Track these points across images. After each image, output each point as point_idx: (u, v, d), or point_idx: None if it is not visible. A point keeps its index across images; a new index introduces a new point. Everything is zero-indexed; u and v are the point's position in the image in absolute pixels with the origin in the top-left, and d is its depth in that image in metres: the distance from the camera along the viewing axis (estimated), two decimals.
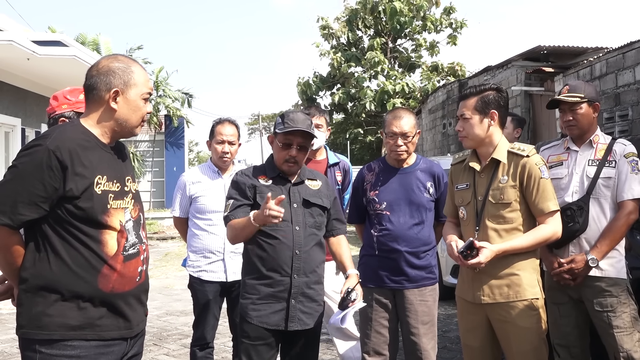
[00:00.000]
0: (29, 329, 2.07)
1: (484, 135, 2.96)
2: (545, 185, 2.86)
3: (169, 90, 24.46)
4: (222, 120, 4.01)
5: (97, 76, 2.19)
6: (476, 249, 2.76)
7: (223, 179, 3.97)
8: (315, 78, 23.39)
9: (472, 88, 3.03)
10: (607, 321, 3.04)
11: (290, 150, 2.93)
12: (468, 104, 2.97)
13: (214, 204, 3.88)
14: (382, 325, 3.36)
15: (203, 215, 3.92)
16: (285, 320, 2.87)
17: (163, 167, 24.82)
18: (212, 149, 3.98)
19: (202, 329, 3.87)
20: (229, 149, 3.93)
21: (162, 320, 6.60)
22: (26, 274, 2.09)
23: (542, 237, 2.86)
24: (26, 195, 2.01)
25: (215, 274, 3.86)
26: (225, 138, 3.91)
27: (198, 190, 3.95)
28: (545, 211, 2.85)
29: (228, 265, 3.85)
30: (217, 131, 3.93)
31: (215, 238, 3.87)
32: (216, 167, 4.00)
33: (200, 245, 3.91)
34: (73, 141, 2.09)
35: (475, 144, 3.00)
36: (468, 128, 2.97)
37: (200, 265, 3.89)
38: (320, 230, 3.03)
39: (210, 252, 3.88)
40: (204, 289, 3.86)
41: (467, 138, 3.00)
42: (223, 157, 3.93)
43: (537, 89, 10.44)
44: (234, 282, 3.82)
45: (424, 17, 22.58)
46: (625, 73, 7.63)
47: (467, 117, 2.96)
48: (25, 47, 8.50)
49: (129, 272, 2.18)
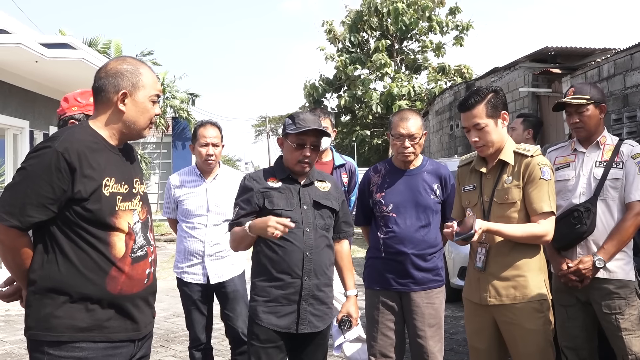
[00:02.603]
0: (37, 331, 2.08)
1: (501, 139, 2.94)
2: (543, 185, 2.84)
3: (175, 92, 24.59)
4: (204, 123, 4.05)
5: (105, 78, 2.20)
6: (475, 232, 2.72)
7: (206, 182, 4.01)
8: (321, 81, 23.38)
9: (471, 97, 2.93)
10: (615, 323, 3.02)
11: (304, 150, 2.93)
12: (477, 112, 2.90)
13: (197, 208, 3.96)
14: (388, 328, 3.36)
15: (187, 218, 3.98)
16: (296, 323, 2.87)
17: (170, 168, 24.90)
18: (196, 153, 4.00)
19: (194, 329, 3.94)
20: (213, 151, 3.95)
21: (169, 321, 6.61)
22: (34, 275, 2.10)
23: (532, 233, 2.83)
24: (35, 197, 2.02)
25: (196, 276, 3.93)
26: (209, 140, 3.93)
27: (181, 194, 4.01)
28: (538, 211, 2.83)
29: (208, 268, 3.90)
30: (200, 134, 3.95)
31: (195, 241, 3.94)
32: (199, 171, 4.04)
33: (183, 248, 3.99)
34: (81, 143, 2.10)
35: (495, 150, 2.95)
36: (485, 136, 2.91)
37: (182, 267, 3.98)
38: (329, 232, 3.03)
39: (192, 255, 3.94)
40: (188, 289, 3.94)
41: (486, 147, 2.94)
42: (208, 160, 3.96)
43: (544, 91, 10.39)
44: (218, 283, 3.91)
45: (429, 18, 22.54)
46: (633, 74, 7.59)
47: (482, 125, 2.90)
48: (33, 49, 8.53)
49: (137, 274, 2.19)
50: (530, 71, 10.71)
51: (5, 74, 9.53)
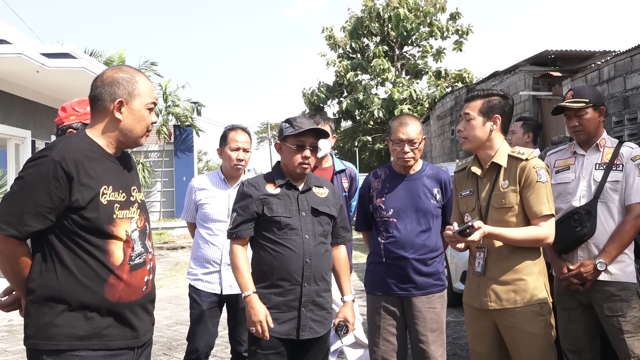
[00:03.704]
0: (36, 340, 2.08)
1: (484, 138, 2.95)
2: (541, 188, 2.84)
3: (177, 100, 24.63)
4: (235, 127, 3.91)
5: (101, 87, 2.21)
6: (474, 229, 2.72)
7: (230, 188, 3.88)
8: (322, 87, 23.41)
9: (480, 91, 3.04)
10: (618, 326, 3.01)
11: (304, 151, 2.94)
12: (473, 105, 2.98)
13: (217, 214, 3.83)
14: (390, 333, 3.35)
15: (206, 223, 3.86)
16: (296, 329, 2.88)
17: (173, 177, 24.96)
18: (224, 157, 3.86)
19: (195, 341, 3.77)
20: (244, 156, 3.84)
21: (172, 329, 6.60)
22: (33, 284, 2.10)
23: (533, 236, 2.83)
24: (32, 206, 2.03)
25: (211, 285, 3.80)
26: (241, 145, 3.82)
27: (203, 197, 3.88)
28: (538, 215, 2.83)
29: (224, 277, 3.77)
30: (232, 138, 3.82)
31: (214, 249, 3.81)
32: (224, 176, 3.92)
33: (200, 254, 3.86)
34: (78, 152, 2.10)
35: (474, 146, 2.99)
36: (469, 129, 2.97)
37: (197, 273, 3.85)
38: (327, 238, 3.04)
39: (208, 263, 3.82)
40: (200, 298, 3.80)
41: (466, 139, 2.99)
42: (238, 165, 3.83)
43: (545, 94, 10.41)
44: (230, 295, 3.77)
45: (430, 23, 22.60)
46: (633, 76, 7.59)
47: (471, 117, 2.96)
48: (34, 59, 8.58)
49: (135, 281, 2.19)
50: (531, 74, 10.72)
51: (7, 84, 9.59)
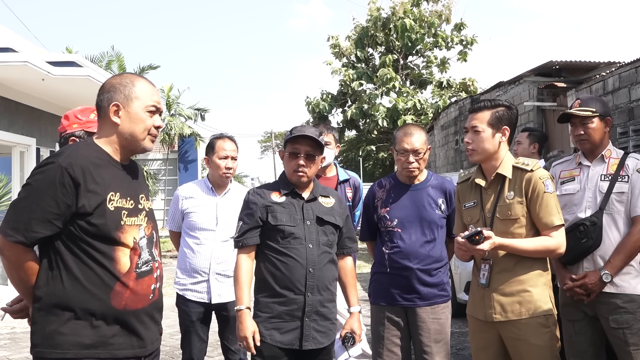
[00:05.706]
0: (42, 348, 2.08)
1: (493, 150, 2.93)
2: (549, 199, 2.83)
3: (180, 109, 24.70)
4: (222, 135, 3.95)
5: (102, 94, 2.25)
6: (484, 237, 2.71)
7: (217, 197, 3.90)
8: (326, 97, 23.44)
9: (485, 102, 3.00)
10: (624, 338, 2.99)
11: (298, 159, 2.93)
12: (481, 116, 2.94)
13: (204, 222, 3.83)
14: (394, 344, 3.34)
15: (193, 232, 3.85)
16: (299, 339, 2.86)
17: (176, 185, 24.95)
18: (212, 165, 3.88)
19: (189, 351, 3.78)
20: (232, 164, 3.86)
21: (175, 338, 6.57)
22: (40, 292, 2.10)
23: (545, 247, 2.82)
24: (40, 212, 2.03)
25: (200, 294, 3.79)
26: (229, 153, 3.84)
27: (190, 205, 3.88)
28: (549, 225, 2.82)
29: (213, 286, 3.77)
30: (219, 146, 3.85)
31: (202, 258, 3.80)
32: (212, 185, 3.93)
33: (187, 264, 3.84)
34: (85, 159, 2.11)
35: (483, 158, 2.97)
36: (478, 142, 2.94)
37: (185, 283, 3.84)
38: (332, 248, 3.02)
39: (196, 272, 3.80)
40: (188, 308, 3.80)
41: (475, 152, 2.96)
42: (226, 173, 3.85)
43: (549, 104, 10.39)
44: (219, 304, 3.77)
45: (435, 33, 22.65)
46: (638, 87, 7.58)
47: (479, 130, 2.92)
48: (40, 67, 8.61)
49: (141, 289, 2.19)
50: (535, 85, 10.71)
51: (12, 91, 9.62)
